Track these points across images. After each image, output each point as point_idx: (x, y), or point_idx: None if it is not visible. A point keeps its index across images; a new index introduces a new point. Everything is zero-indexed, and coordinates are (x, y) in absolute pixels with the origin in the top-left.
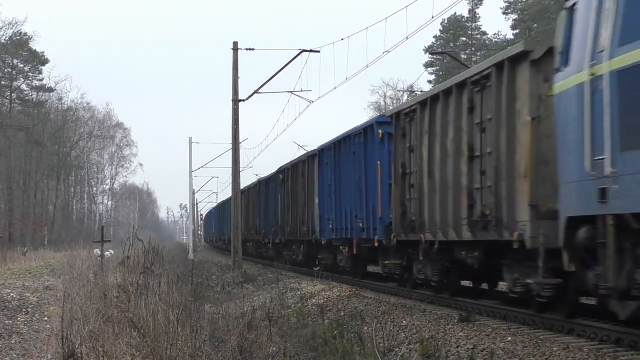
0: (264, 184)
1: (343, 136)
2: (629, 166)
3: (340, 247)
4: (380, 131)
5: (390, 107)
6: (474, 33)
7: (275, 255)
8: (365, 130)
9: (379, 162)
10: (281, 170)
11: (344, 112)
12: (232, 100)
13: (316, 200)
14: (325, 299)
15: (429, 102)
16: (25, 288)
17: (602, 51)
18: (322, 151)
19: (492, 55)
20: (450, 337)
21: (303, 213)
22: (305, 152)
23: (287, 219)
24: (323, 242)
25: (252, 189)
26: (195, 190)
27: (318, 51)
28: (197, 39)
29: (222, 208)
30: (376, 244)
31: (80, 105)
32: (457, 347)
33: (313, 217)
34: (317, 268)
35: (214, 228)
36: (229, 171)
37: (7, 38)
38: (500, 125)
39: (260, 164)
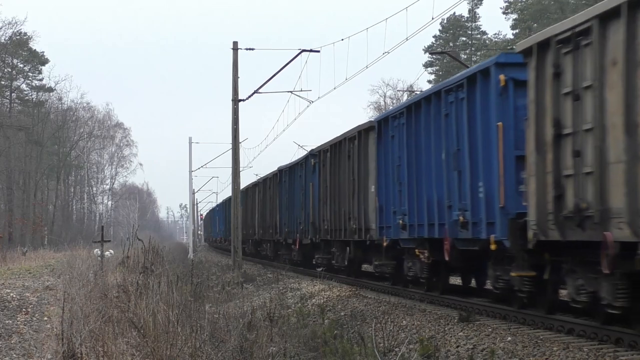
0: (286, 173)
1: (425, 94)
2: None
3: (416, 250)
4: (502, 77)
5: (390, 107)
6: (474, 33)
7: (302, 260)
8: (471, 79)
9: (499, 123)
10: (314, 154)
11: (344, 112)
12: (232, 100)
13: (372, 188)
14: (325, 299)
15: (626, 10)
16: (25, 288)
17: None
18: (384, 121)
19: (492, 55)
20: (450, 337)
21: (350, 206)
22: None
23: (324, 214)
24: (385, 244)
25: (269, 180)
26: (195, 190)
27: (318, 51)
28: (197, 39)
29: (229, 205)
30: (493, 246)
31: (80, 105)
32: (457, 347)
33: (367, 211)
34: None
35: (218, 227)
36: (229, 171)
37: (7, 38)
38: None
39: (260, 164)
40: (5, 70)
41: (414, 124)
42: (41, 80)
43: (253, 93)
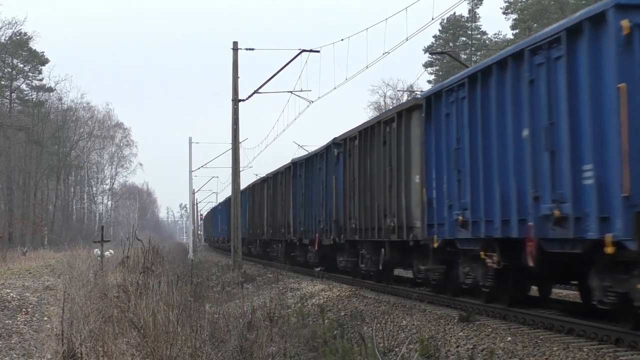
0: (302, 166)
1: (497, 58)
2: None
3: (482, 253)
4: (625, 23)
5: (391, 107)
6: (474, 33)
7: (320, 263)
8: (574, 31)
9: (621, 85)
10: (337, 143)
11: (344, 112)
12: (232, 100)
13: (416, 179)
14: (325, 299)
15: None
16: (25, 288)
17: None
18: (435, 97)
19: (492, 55)
20: (450, 337)
21: (387, 200)
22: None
23: (351, 211)
24: (435, 245)
25: (281, 175)
26: (195, 190)
27: (318, 51)
28: (197, 39)
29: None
30: (610, 249)
31: (80, 105)
32: (457, 347)
33: (409, 206)
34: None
35: (220, 227)
36: (229, 171)
37: (7, 38)
38: None
39: (260, 164)
40: (5, 70)
41: (480, 97)
42: (41, 80)
43: (253, 93)
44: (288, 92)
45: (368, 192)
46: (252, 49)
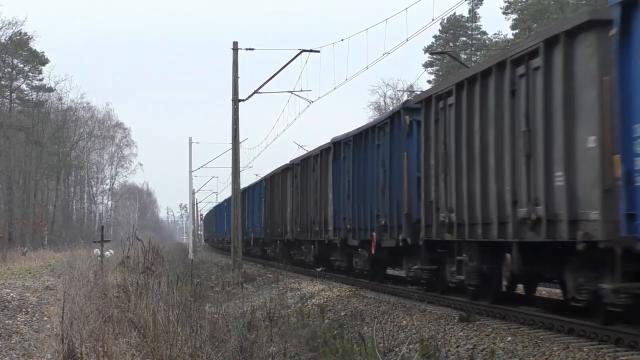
0: (347, 145)
1: None
2: None
3: None
4: None
5: (391, 108)
6: (474, 33)
7: (372, 270)
8: None
9: None
10: (410, 108)
11: (344, 112)
12: (232, 100)
13: (591, 142)
14: (325, 299)
15: None
16: (25, 288)
17: None
18: None
19: (492, 55)
20: (450, 337)
21: (520, 180)
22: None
23: (439, 199)
24: None
25: (313, 160)
26: (195, 190)
27: (318, 51)
28: (198, 39)
29: (251, 192)
30: None
31: (80, 105)
32: (457, 347)
33: (573, 186)
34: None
35: (225, 225)
36: (229, 171)
37: (7, 38)
38: None
39: (260, 164)
40: (5, 70)
41: None
42: (41, 80)
43: (253, 93)
44: (288, 92)
45: (474, 170)
46: (252, 49)
